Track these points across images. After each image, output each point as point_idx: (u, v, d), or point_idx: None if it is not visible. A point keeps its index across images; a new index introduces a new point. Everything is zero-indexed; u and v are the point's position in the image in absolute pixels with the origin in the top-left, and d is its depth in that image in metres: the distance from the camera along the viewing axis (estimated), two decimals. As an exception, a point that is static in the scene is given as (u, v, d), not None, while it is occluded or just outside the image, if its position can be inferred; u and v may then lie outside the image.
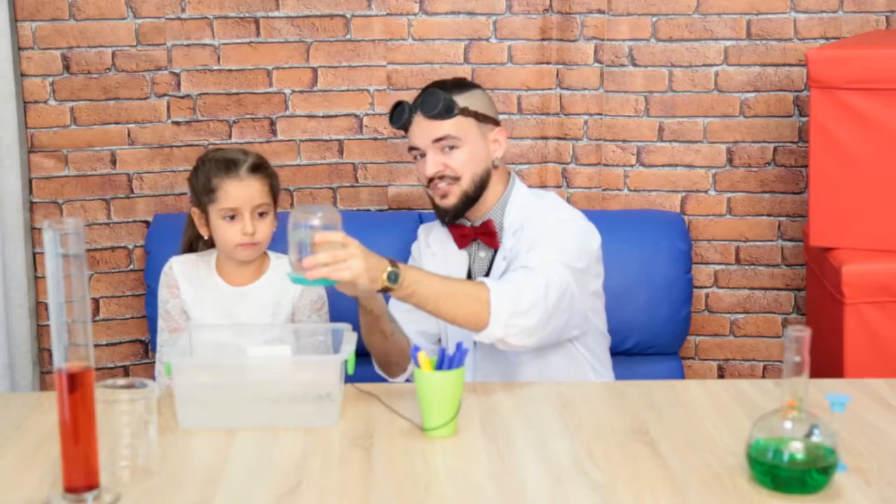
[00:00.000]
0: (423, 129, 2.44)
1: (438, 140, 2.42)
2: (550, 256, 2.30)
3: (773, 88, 3.28)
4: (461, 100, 2.45)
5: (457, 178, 2.43)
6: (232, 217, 2.45)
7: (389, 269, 2.10)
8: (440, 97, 2.41)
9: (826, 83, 2.81)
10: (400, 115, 2.47)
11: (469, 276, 2.53)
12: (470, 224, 2.51)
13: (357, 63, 3.30)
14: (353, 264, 2.05)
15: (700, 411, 2.08)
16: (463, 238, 2.51)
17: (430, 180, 2.45)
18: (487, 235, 2.48)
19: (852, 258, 2.81)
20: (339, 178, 3.35)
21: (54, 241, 1.63)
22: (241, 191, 2.46)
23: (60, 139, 3.18)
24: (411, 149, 2.49)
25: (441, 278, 2.20)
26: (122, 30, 3.17)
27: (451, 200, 2.45)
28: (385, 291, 2.13)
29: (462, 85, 2.51)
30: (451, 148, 2.42)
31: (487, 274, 2.49)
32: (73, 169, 3.19)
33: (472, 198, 2.45)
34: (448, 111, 2.41)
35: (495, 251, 2.49)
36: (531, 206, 2.48)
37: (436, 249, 2.58)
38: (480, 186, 2.45)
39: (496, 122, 2.52)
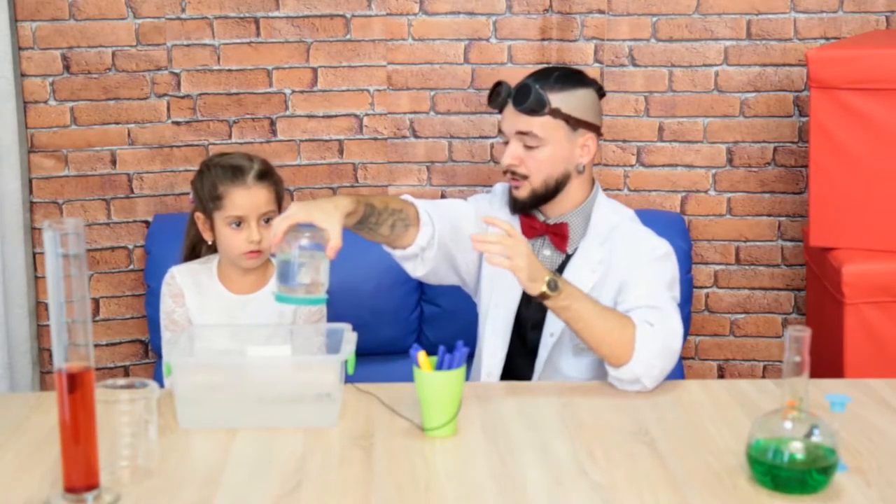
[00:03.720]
0: (511, 118, 2.38)
1: (522, 133, 2.37)
2: (671, 301, 2.28)
3: (773, 88, 3.27)
4: (557, 99, 2.34)
5: (525, 177, 2.37)
6: (238, 224, 2.44)
7: (549, 276, 2.13)
8: (532, 93, 2.33)
9: (826, 83, 2.81)
10: (496, 97, 2.40)
11: None
12: (543, 220, 2.44)
13: (357, 63, 3.30)
14: (519, 251, 2.10)
15: (700, 411, 2.08)
16: (531, 230, 2.43)
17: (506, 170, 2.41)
18: (559, 237, 2.41)
19: (852, 258, 2.81)
20: (339, 178, 3.35)
21: (54, 241, 1.63)
22: (247, 199, 2.43)
23: (60, 139, 3.17)
24: (500, 131, 2.44)
25: (594, 301, 2.20)
26: (122, 30, 3.17)
27: (521, 193, 2.39)
28: (542, 298, 2.14)
29: (571, 80, 2.38)
30: (533, 146, 2.36)
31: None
32: (73, 169, 3.19)
33: (541, 196, 2.39)
34: (537, 109, 2.34)
35: (566, 256, 2.42)
36: (616, 225, 2.41)
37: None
38: (554, 188, 2.38)
39: (591, 127, 2.40)
